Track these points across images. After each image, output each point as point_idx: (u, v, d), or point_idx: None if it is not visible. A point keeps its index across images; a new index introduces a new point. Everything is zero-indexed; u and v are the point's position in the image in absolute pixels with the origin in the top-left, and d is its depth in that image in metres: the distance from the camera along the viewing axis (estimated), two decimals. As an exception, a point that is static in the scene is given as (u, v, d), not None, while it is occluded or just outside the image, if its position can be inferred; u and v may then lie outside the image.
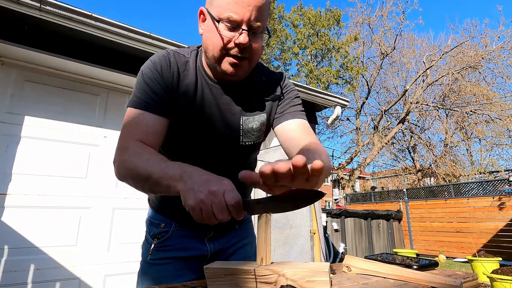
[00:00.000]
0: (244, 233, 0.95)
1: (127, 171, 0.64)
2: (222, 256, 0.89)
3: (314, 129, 4.18)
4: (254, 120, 0.81)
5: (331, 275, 0.56)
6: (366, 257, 0.92)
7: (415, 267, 0.77)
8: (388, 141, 12.76)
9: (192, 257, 0.85)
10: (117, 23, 2.46)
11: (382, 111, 12.96)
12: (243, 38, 0.65)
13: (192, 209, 0.51)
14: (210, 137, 0.78)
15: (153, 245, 0.85)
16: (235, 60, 0.68)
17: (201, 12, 0.73)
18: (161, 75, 0.71)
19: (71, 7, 2.28)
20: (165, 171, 0.57)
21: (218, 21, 0.65)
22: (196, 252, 0.86)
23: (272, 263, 0.58)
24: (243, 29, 0.65)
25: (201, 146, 0.78)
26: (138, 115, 0.69)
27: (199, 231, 0.86)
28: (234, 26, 0.65)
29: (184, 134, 0.77)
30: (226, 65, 0.69)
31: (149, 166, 0.60)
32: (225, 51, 0.67)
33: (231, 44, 0.66)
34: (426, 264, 0.81)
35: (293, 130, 0.78)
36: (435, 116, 13.54)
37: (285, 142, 0.79)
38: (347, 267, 0.76)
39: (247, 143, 0.81)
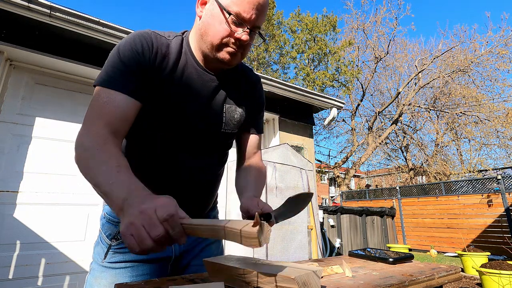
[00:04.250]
0: None
1: (81, 168, 0.58)
2: (187, 257, 0.81)
3: (311, 130, 4.19)
4: (236, 110, 0.80)
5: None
6: (350, 252, 0.92)
7: (390, 260, 0.78)
8: (382, 141, 12.75)
9: (155, 260, 0.76)
10: (123, 28, 2.47)
11: (376, 113, 12.95)
12: (245, 36, 0.67)
13: (123, 236, 0.44)
14: (193, 120, 0.73)
15: (109, 247, 0.74)
16: (233, 50, 0.68)
17: None
18: (140, 54, 0.65)
19: (79, 13, 2.28)
20: (112, 189, 0.51)
21: (229, 14, 0.64)
22: (160, 253, 0.76)
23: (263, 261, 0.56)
24: (248, 28, 0.67)
25: (183, 129, 0.73)
26: (109, 95, 0.62)
27: None
28: (240, 22, 0.66)
29: (165, 117, 0.71)
30: (224, 53, 0.68)
31: (100, 175, 0.54)
32: (224, 41, 0.67)
33: (232, 37, 0.67)
34: (402, 257, 0.81)
35: (251, 146, 0.88)
36: (427, 117, 13.53)
37: (242, 147, 0.89)
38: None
39: (227, 131, 0.80)
